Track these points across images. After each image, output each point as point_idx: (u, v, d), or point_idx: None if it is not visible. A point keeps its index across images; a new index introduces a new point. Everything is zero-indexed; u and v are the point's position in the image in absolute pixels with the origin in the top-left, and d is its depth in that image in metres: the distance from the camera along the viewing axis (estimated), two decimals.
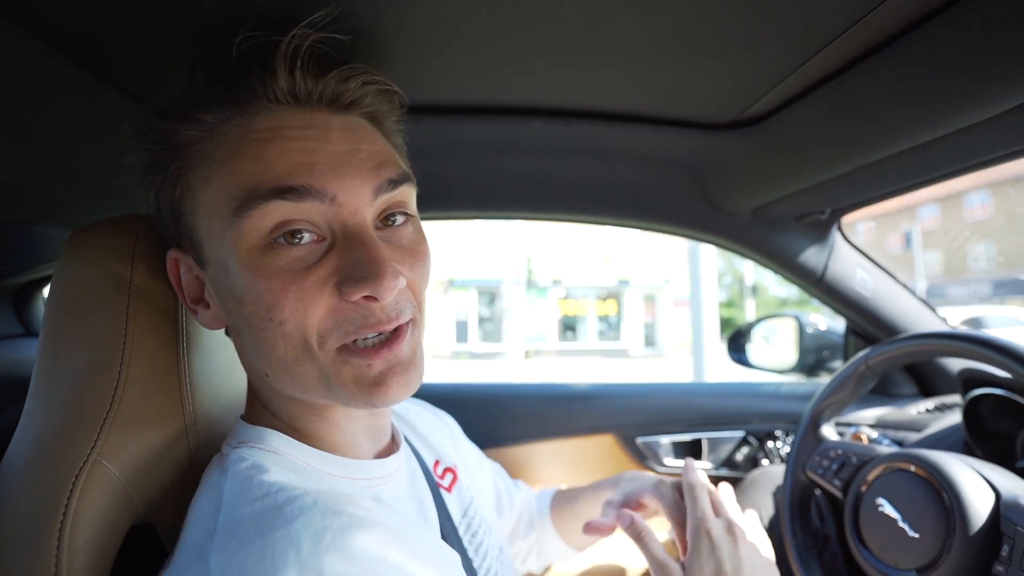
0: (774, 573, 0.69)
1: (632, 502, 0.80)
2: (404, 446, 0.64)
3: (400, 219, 0.52)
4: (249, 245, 0.46)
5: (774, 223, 1.19)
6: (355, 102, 0.52)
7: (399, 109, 0.58)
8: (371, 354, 0.48)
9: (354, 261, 0.46)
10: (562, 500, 0.94)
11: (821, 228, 1.21)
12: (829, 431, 1.01)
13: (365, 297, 0.46)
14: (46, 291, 1.19)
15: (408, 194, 0.53)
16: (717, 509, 0.71)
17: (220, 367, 0.63)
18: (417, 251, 0.52)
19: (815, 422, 1.01)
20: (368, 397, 0.48)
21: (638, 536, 0.70)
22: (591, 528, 0.77)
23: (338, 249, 0.47)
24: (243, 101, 0.48)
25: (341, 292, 0.46)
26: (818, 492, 1.00)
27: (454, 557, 0.53)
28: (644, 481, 0.81)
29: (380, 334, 0.49)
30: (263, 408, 0.56)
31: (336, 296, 0.47)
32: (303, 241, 0.47)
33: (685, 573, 0.66)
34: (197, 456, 0.57)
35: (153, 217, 0.55)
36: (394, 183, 0.50)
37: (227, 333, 0.57)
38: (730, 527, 0.68)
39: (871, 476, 0.85)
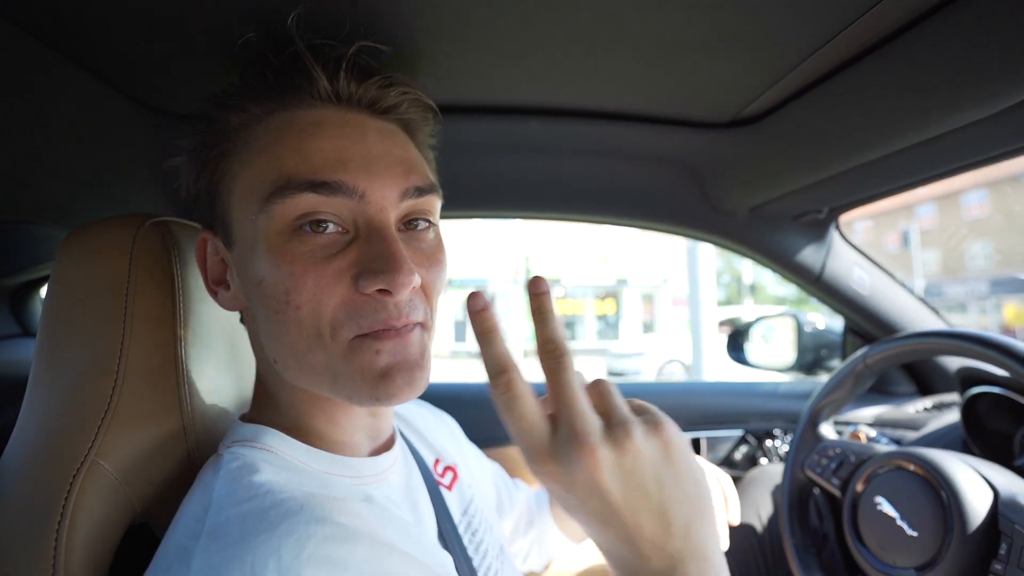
0: (677, 476, 0.41)
1: None
2: (399, 443, 0.64)
3: (423, 224, 0.54)
4: (277, 230, 0.48)
5: (772, 222, 1.19)
6: (392, 108, 0.55)
7: (432, 123, 0.61)
8: (382, 336, 0.49)
9: (373, 255, 0.48)
10: None
11: (819, 227, 1.21)
12: (827, 430, 1.02)
13: (380, 291, 0.48)
14: (43, 291, 1.18)
15: (433, 204, 0.55)
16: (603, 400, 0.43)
17: (219, 367, 0.63)
18: (435, 256, 0.54)
19: (813, 421, 1.01)
20: (373, 390, 0.49)
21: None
22: None
23: (360, 243, 0.49)
24: (289, 96, 0.52)
25: (358, 284, 0.48)
26: (817, 491, 1.00)
27: (445, 560, 0.53)
28: None
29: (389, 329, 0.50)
30: (267, 401, 0.57)
31: (352, 288, 0.48)
32: (327, 231, 0.49)
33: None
34: (195, 456, 0.57)
35: (190, 200, 0.57)
36: (421, 191, 0.52)
37: (242, 320, 0.58)
38: (618, 427, 0.40)
39: (869, 475, 0.85)
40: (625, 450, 0.40)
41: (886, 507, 0.81)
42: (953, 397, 1.21)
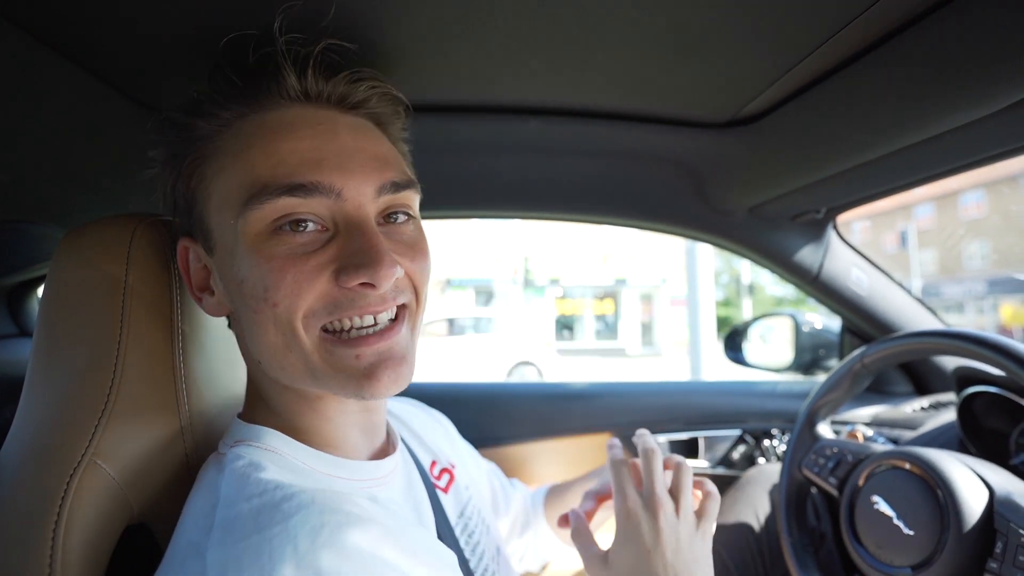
0: (703, 546, 0.64)
1: (609, 490, 0.80)
2: (400, 448, 0.64)
3: (402, 218, 0.54)
4: (255, 232, 0.48)
5: (770, 222, 1.19)
6: (361, 103, 0.55)
7: (404, 117, 0.60)
8: (360, 343, 0.49)
9: (354, 249, 0.48)
10: (554, 495, 0.95)
11: (817, 227, 1.22)
12: (825, 429, 1.02)
13: (362, 284, 0.48)
14: (41, 291, 1.18)
15: (411, 198, 0.55)
16: (641, 483, 0.67)
17: (216, 367, 0.63)
18: (417, 246, 0.54)
19: (811, 420, 1.02)
20: (358, 388, 0.49)
21: (575, 531, 0.70)
22: (564, 521, 0.75)
23: (340, 238, 0.49)
24: (258, 98, 0.51)
25: (339, 279, 0.48)
26: (814, 490, 1.00)
27: (450, 556, 0.53)
28: None
29: (373, 325, 0.50)
30: (260, 402, 0.57)
31: (332, 282, 0.48)
32: (307, 230, 0.49)
33: (608, 556, 0.64)
34: (193, 456, 0.57)
35: (168, 209, 0.57)
36: (397, 186, 0.52)
37: (229, 325, 0.58)
38: (651, 501, 0.64)
39: (866, 474, 0.86)
40: (680, 514, 0.64)
41: (883, 506, 0.81)
42: (950, 397, 1.21)
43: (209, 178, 0.51)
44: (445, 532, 0.63)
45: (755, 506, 1.15)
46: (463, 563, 0.62)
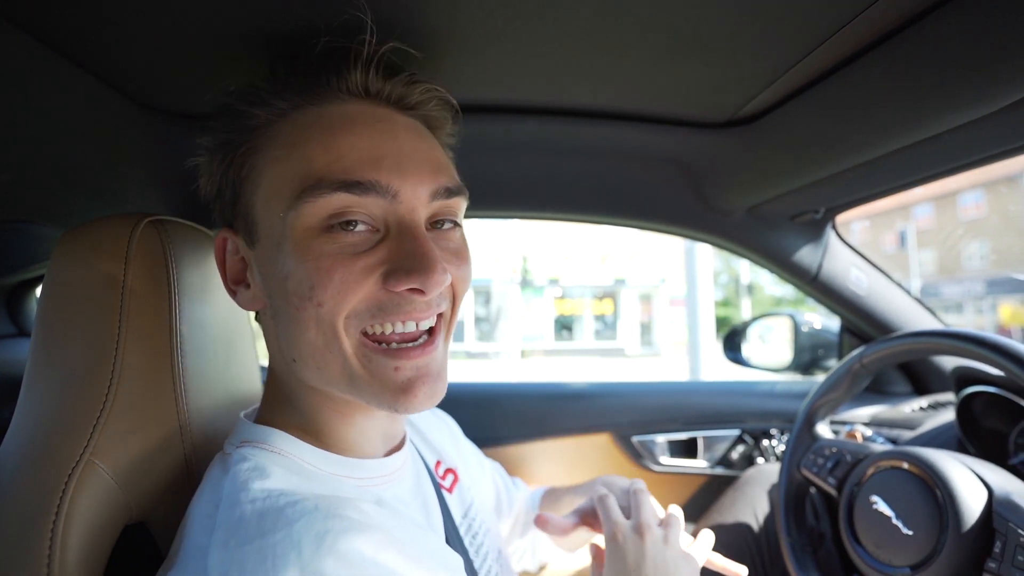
0: (689, 566, 0.67)
1: (593, 507, 0.79)
2: (408, 444, 0.64)
3: (449, 224, 0.54)
4: (306, 227, 0.48)
5: (769, 222, 1.19)
6: (418, 105, 0.55)
7: (452, 123, 0.61)
8: (401, 355, 0.49)
9: (405, 253, 0.48)
10: (548, 500, 0.94)
11: (816, 227, 1.22)
12: (824, 429, 1.02)
13: (411, 290, 0.48)
14: (39, 291, 1.18)
15: (460, 205, 0.55)
16: (629, 512, 0.71)
17: (214, 367, 0.63)
18: (462, 255, 0.55)
19: (810, 420, 1.02)
20: (393, 401, 0.49)
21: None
22: (540, 521, 0.76)
23: (390, 241, 0.49)
24: (317, 91, 0.51)
25: (386, 282, 0.48)
26: (813, 490, 1.00)
27: (455, 560, 0.53)
28: (612, 488, 0.81)
29: (414, 335, 0.50)
30: (281, 404, 0.56)
31: (379, 285, 0.48)
32: (357, 229, 0.48)
33: None
34: (192, 456, 0.57)
35: (209, 198, 0.57)
36: (450, 192, 0.52)
37: (257, 319, 0.58)
38: (639, 526, 0.67)
39: (865, 474, 0.86)
40: (667, 539, 0.67)
41: (882, 506, 0.81)
42: (949, 396, 1.21)
43: (260, 168, 0.51)
44: (451, 532, 0.63)
45: (754, 506, 1.15)
46: (467, 564, 0.62)
